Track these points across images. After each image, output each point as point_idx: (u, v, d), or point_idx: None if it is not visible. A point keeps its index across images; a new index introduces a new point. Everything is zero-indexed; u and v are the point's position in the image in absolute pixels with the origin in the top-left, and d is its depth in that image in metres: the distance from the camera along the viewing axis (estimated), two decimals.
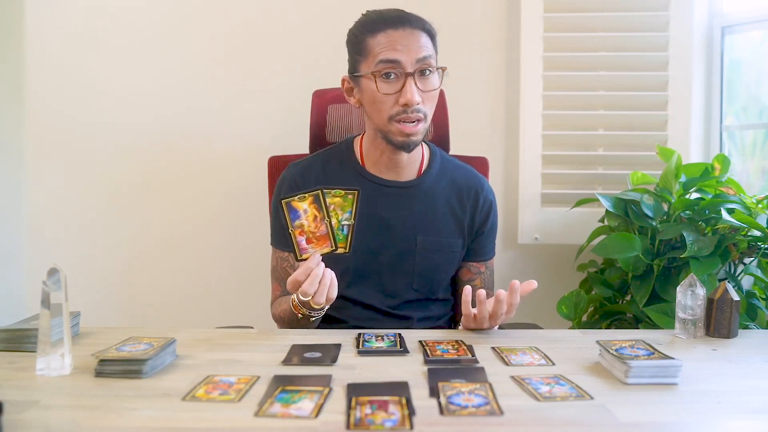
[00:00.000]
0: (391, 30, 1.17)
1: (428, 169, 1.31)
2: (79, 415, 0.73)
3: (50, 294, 0.86)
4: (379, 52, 1.16)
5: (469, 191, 1.33)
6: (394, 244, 1.27)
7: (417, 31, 1.17)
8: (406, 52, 1.15)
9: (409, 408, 0.73)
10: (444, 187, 1.31)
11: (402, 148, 1.21)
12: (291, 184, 1.29)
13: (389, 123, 1.18)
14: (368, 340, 1.04)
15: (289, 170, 1.33)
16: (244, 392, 0.80)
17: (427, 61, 1.17)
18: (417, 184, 1.29)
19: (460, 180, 1.34)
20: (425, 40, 1.18)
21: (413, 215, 1.28)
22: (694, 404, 0.79)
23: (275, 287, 1.33)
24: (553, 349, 1.01)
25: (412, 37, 1.16)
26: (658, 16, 1.89)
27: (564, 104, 1.94)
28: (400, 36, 1.16)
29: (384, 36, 1.17)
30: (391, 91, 1.16)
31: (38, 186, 2.01)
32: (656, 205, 1.61)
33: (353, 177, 1.28)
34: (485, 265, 1.37)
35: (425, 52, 1.16)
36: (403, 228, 1.27)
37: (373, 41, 1.18)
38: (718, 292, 1.10)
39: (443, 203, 1.30)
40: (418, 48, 1.16)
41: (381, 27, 1.17)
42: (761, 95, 1.97)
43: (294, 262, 1.21)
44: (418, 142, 1.21)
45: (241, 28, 1.99)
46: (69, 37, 1.98)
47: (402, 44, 1.15)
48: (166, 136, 2.01)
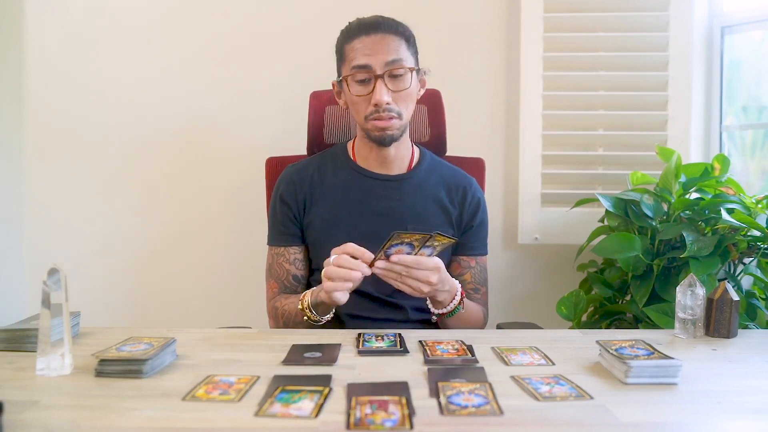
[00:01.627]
0: (364, 36, 1.25)
1: (418, 165, 1.39)
2: (79, 415, 0.73)
3: (50, 294, 0.86)
4: (353, 58, 1.25)
5: (457, 188, 1.39)
6: (386, 232, 1.28)
7: (389, 36, 1.25)
8: (376, 56, 1.23)
9: (409, 408, 0.74)
10: (433, 183, 1.38)
11: (380, 143, 1.29)
12: (288, 182, 1.37)
13: (366, 122, 1.27)
14: (368, 340, 1.04)
15: (287, 170, 1.41)
16: (244, 392, 0.80)
17: (397, 64, 1.24)
18: (407, 177, 1.36)
19: (449, 178, 1.40)
20: (397, 44, 1.25)
21: (403, 205, 1.34)
22: (694, 404, 0.79)
23: (271, 285, 1.37)
24: (553, 349, 1.01)
25: (383, 41, 1.24)
26: (658, 16, 1.89)
27: (564, 104, 1.94)
28: (371, 41, 1.24)
29: (358, 42, 1.25)
30: (363, 93, 1.25)
31: (38, 186, 2.01)
32: (656, 205, 1.61)
33: (346, 172, 1.37)
34: (475, 260, 1.40)
35: (394, 56, 1.24)
36: (394, 217, 1.33)
37: (349, 47, 1.27)
38: (717, 292, 1.10)
39: (432, 196, 1.37)
40: (387, 52, 1.24)
41: (356, 34, 1.26)
42: (761, 95, 1.97)
43: (291, 256, 1.34)
44: (394, 136, 1.28)
45: (239, 29, 1.99)
46: (68, 37, 1.98)
47: (372, 49, 1.24)
48: (165, 136, 2.01)
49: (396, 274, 1.07)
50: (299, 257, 1.36)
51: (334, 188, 1.35)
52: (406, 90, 1.26)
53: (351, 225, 1.32)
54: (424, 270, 1.07)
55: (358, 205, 1.33)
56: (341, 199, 1.34)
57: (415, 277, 1.07)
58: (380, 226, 1.30)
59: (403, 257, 1.06)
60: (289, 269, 1.35)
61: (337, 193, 1.34)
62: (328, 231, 1.32)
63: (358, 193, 1.34)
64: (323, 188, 1.35)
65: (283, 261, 1.35)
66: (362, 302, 1.30)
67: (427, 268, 1.07)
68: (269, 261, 1.38)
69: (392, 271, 1.07)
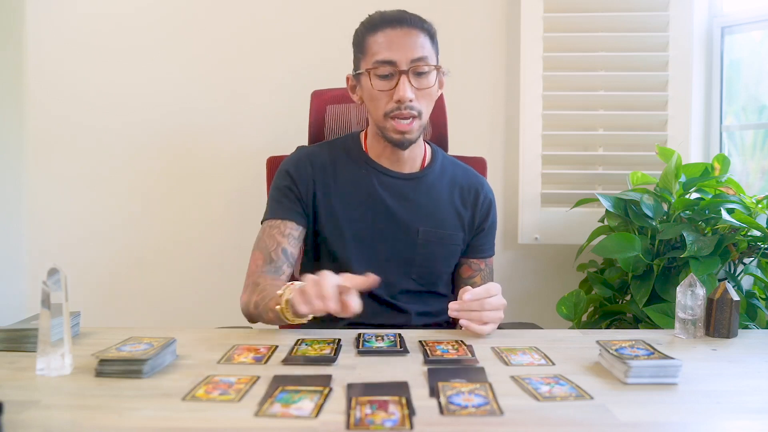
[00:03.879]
0: (389, 29, 1.20)
1: (431, 164, 1.35)
2: (79, 415, 0.73)
3: (50, 294, 0.86)
4: (377, 51, 1.20)
5: (470, 189, 1.36)
6: (396, 232, 1.29)
7: (415, 31, 1.20)
8: (402, 51, 1.18)
9: (409, 408, 0.73)
10: (446, 183, 1.34)
11: (398, 146, 1.25)
12: (298, 162, 1.30)
13: (385, 119, 1.22)
14: (368, 340, 1.04)
15: (298, 152, 1.34)
16: (244, 392, 0.80)
17: (422, 61, 1.20)
18: (420, 177, 1.32)
19: (461, 178, 1.37)
20: (422, 40, 1.21)
21: (416, 206, 1.30)
22: (693, 404, 0.79)
23: (256, 256, 1.25)
24: (553, 349, 1.01)
25: (408, 36, 1.20)
26: (658, 16, 1.89)
27: (564, 104, 1.94)
28: (397, 35, 1.19)
29: (382, 35, 1.20)
30: (385, 88, 1.20)
31: (38, 187, 2.01)
32: (656, 205, 1.61)
33: (359, 166, 1.31)
34: (485, 262, 1.39)
35: (420, 53, 1.20)
36: (405, 218, 1.29)
37: (372, 40, 1.22)
38: (717, 292, 1.10)
39: (445, 197, 1.33)
40: (413, 47, 1.19)
41: (380, 26, 1.21)
42: (761, 95, 1.97)
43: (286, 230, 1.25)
44: (413, 139, 1.24)
45: (241, 29, 1.99)
46: (68, 40, 1.98)
47: (398, 43, 1.19)
48: (165, 137, 2.01)
49: (475, 312, 1.06)
50: (294, 234, 1.26)
51: (347, 182, 1.29)
52: (429, 88, 1.22)
53: (362, 221, 1.27)
54: (495, 295, 1.08)
55: (371, 202, 1.28)
56: (354, 194, 1.29)
57: (493, 307, 1.07)
58: (391, 225, 1.28)
59: (475, 291, 1.06)
60: (281, 241, 1.24)
61: (349, 186, 1.29)
62: (337, 226, 1.28)
63: (370, 189, 1.28)
64: (336, 180, 1.29)
65: (277, 233, 1.25)
66: (367, 303, 1.27)
67: (498, 292, 1.08)
68: (259, 234, 1.27)
69: (470, 309, 1.06)
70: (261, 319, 1.17)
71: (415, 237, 1.30)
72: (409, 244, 1.29)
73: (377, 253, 1.28)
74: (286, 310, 1.02)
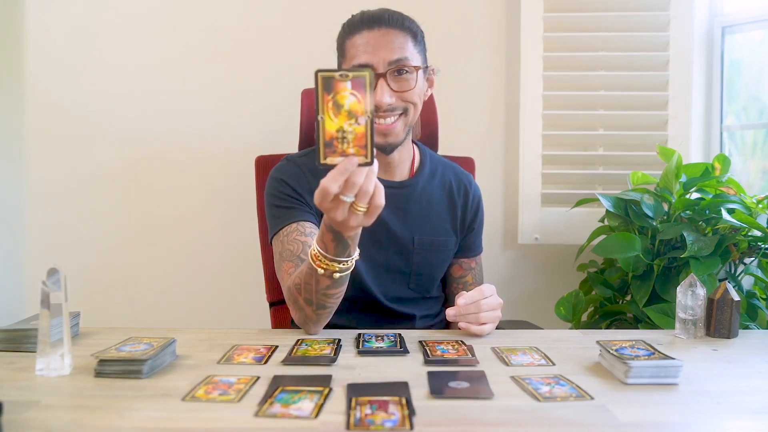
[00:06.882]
0: (366, 31, 1.16)
1: (420, 168, 1.32)
2: (79, 415, 0.73)
3: (50, 294, 0.86)
4: (354, 55, 1.16)
5: (459, 189, 1.35)
6: (391, 244, 1.27)
7: (393, 31, 1.16)
8: (379, 54, 1.14)
9: (409, 408, 0.73)
10: (436, 187, 1.33)
11: (381, 150, 1.21)
12: (289, 171, 1.25)
13: None
14: (368, 340, 1.04)
15: (286, 162, 1.29)
16: (244, 392, 0.80)
17: (401, 62, 1.15)
18: (411, 184, 1.30)
19: (450, 178, 1.36)
20: (402, 40, 1.16)
21: (410, 216, 1.29)
22: (694, 404, 0.78)
23: (286, 267, 1.16)
24: (553, 349, 1.00)
25: (386, 37, 1.15)
26: (658, 16, 1.89)
27: (564, 104, 1.94)
28: (374, 37, 1.15)
29: (359, 37, 1.16)
30: None
31: (38, 186, 2.01)
32: (656, 205, 1.61)
33: None
34: (475, 260, 1.40)
35: (399, 54, 1.15)
36: (400, 228, 1.27)
37: (350, 43, 1.18)
38: (718, 292, 1.10)
39: (437, 202, 1.32)
40: (391, 49, 1.15)
41: (358, 29, 1.17)
42: (761, 95, 1.97)
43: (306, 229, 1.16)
44: (397, 142, 1.20)
45: (231, 26, 1.99)
46: (67, 40, 1.98)
47: (375, 46, 1.15)
48: (158, 136, 2.01)
49: (472, 315, 1.07)
50: (315, 232, 1.18)
51: None
52: (410, 91, 1.17)
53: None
54: (491, 296, 1.08)
55: None
56: None
57: (490, 307, 1.07)
58: (384, 239, 1.26)
59: (468, 294, 1.06)
60: (305, 240, 1.16)
61: None
62: None
63: None
64: None
65: (297, 235, 1.17)
66: (365, 315, 1.27)
67: (492, 293, 1.08)
68: (279, 249, 1.18)
69: (468, 314, 1.06)
70: (309, 293, 1.04)
71: (410, 247, 1.28)
72: (405, 255, 1.28)
73: (374, 263, 1.26)
74: (326, 261, 0.97)
